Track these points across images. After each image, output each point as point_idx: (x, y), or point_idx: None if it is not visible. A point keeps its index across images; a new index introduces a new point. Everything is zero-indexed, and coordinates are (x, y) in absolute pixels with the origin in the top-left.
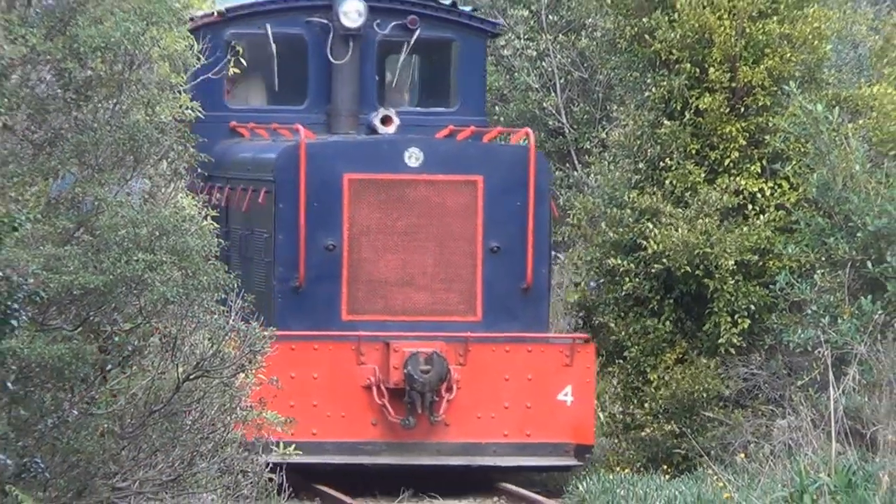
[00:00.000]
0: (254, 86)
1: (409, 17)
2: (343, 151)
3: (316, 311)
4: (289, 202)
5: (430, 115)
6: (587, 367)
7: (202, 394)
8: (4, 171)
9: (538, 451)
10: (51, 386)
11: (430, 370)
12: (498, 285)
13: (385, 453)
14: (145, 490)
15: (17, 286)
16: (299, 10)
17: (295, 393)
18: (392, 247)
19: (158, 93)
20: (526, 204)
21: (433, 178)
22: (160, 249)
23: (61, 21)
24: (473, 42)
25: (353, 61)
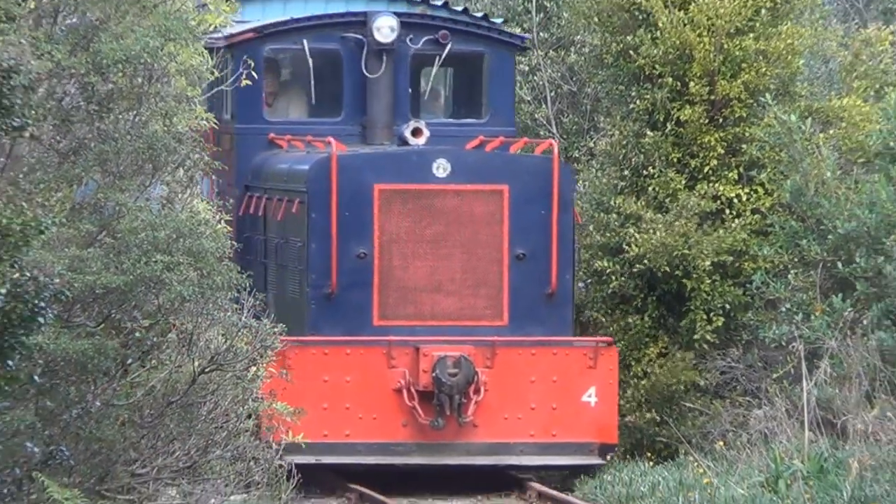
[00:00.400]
0: (292, 99)
1: (441, 31)
2: (373, 163)
3: (348, 317)
4: (321, 212)
5: (462, 126)
6: (610, 370)
7: (216, 386)
8: (32, 177)
9: (564, 450)
10: (75, 379)
11: (458, 373)
12: (523, 291)
13: (415, 454)
14: (163, 476)
15: (44, 286)
16: (335, 26)
17: (328, 396)
18: (421, 254)
19: (175, 105)
20: (550, 212)
21: (460, 187)
22: (177, 251)
23: (85, 37)
24: (502, 55)
25: (386, 75)
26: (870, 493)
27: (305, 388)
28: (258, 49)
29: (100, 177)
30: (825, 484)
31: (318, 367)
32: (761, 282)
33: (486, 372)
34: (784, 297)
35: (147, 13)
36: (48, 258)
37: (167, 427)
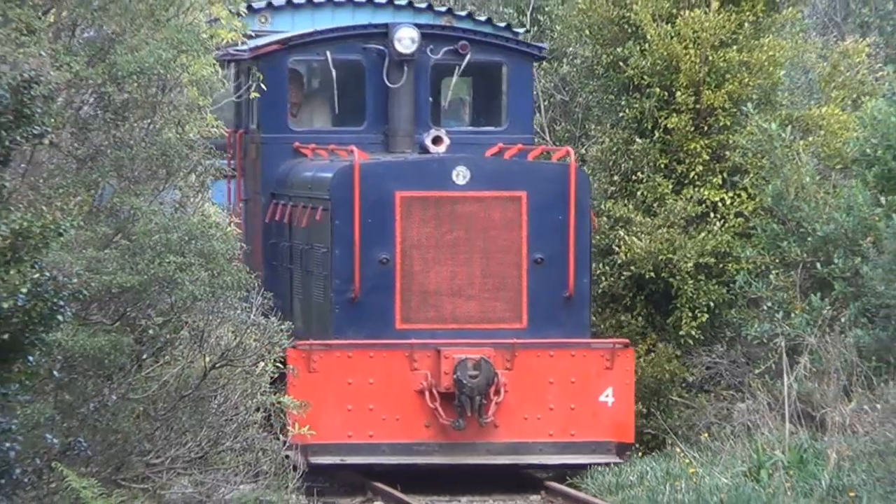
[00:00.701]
0: (316, 109)
1: (460, 42)
2: (395, 171)
3: (371, 321)
4: (344, 219)
5: (481, 134)
6: (627, 370)
7: (226, 381)
8: (51, 183)
9: (582, 449)
10: (92, 374)
11: (478, 375)
12: (542, 294)
13: (437, 453)
14: (176, 466)
15: (63, 285)
16: (357, 37)
17: (352, 397)
18: (442, 259)
19: (187, 113)
20: (567, 217)
21: (480, 194)
22: (189, 252)
23: (101, 50)
24: (521, 65)
25: (407, 85)
26: (847, 482)
27: (330, 390)
28: (283, 60)
29: (116, 182)
30: (805, 473)
31: (342, 370)
32: (744, 281)
33: (505, 373)
34: (766, 295)
35: (160, 27)
36: (67, 259)
37: (180, 419)
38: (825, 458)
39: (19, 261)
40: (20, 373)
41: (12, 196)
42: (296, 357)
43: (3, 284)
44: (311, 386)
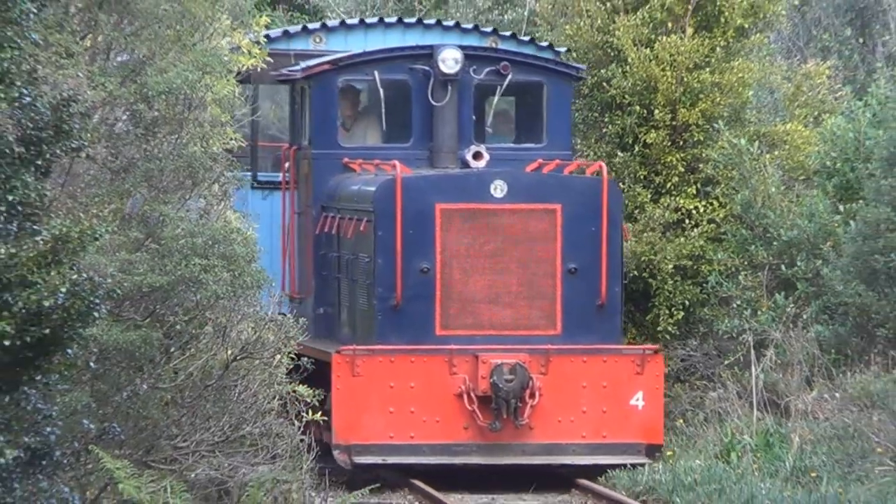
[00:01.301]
0: (365, 126)
1: (502, 63)
2: (435, 184)
3: (412, 327)
4: (387, 229)
5: (522, 151)
6: (656, 375)
7: (246, 372)
8: (88, 192)
9: (613, 450)
10: (125, 365)
11: (514, 379)
12: (575, 302)
13: (475, 454)
14: (201, 449)
15: (98, 285)
16: (404, 58)
17: (394, 400)
18: (480, 269)
19: (211, 129)
20: (600, 229)
21: (516, 206)
22: (212, 255)
23: (133, 71)
24: (560, 84)
25: (451, 103)
26: (809, 464)
27: (373, 393)
28: (333, 80)
29: (146, 191)
30: (771, 455)
31: (384, 374)
32: (716, 282)
33: (540, 378)
34: (735, 294)
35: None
36: (102, 261)
37: (204, 407)
38: (789, 441)
39: (59, 263)
40: (60, 364)
41: (53, 204)
42: (340, 361)
43: (45, 284)
44: (354, 389)
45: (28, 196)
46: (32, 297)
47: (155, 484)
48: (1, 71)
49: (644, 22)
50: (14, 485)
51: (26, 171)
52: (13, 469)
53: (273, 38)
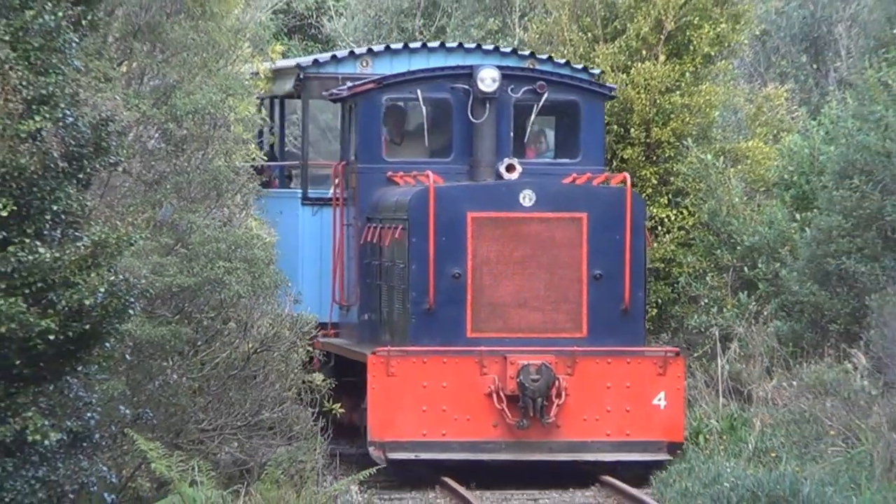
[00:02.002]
0: (408, 142)
1: (539, 83)
2: (467, 194)
3: (444, 330)
4: (420, 237)
5: (558, 166)
6: (678, 376)
7: (265, 363)
8: (124, 202)
9: (636, 448)
10: (156, 357)
11: (540, 379)
12: (600, 307)
13: (504, 451)
14: (225, 432)
15: (133, 285)
16: (445, 77)
17: (427, 399)
18: (509, 274)
19: (234, 146)
20: (623, 237)
21: (544, 215)
22: (235, 258)
23: (164, 94)
24: (593, 103)
25: (490, 120)
26: (769, 445)
27: (406, 393)
28: (378, 98)
29: (176, 201)
30: (735, 438)
31: (418, 374)
32: (686, 282)
33: (567, 378)
34: (703, 294)
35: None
36: (136, 264)
37: (228, 395)
38: (751, 425)
39: (98, 266)
40: (99, 356)
41: (92, 213)
42: (376, 362)
43: (85, 285)
44: (389, 388)
45: (70, 206)
46: (74, 296)
47: (184, 464)
48: (47, 94)
49: (621, 50)
50: (58, 464)
51: (69, 184)
52: (57, 450)
53: (322, 63)
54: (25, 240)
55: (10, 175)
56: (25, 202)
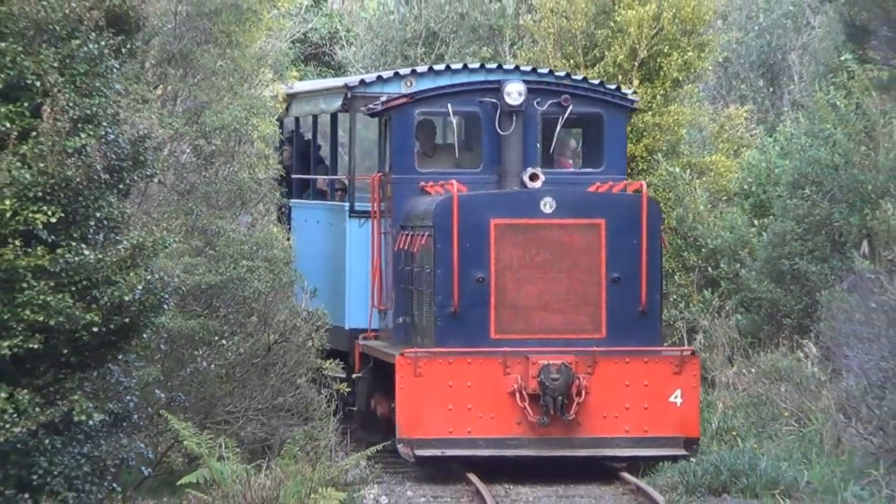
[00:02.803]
0: (439, 153)
1: (563, 96)
2: (489, 201)
3: (469, 332)
4: (445, 243)
5: (583, 175)
6: (693, 375)
7: (284, 352)
8: (159, 210)
9: (654, 443)
10: (188, 347)
11: (559, 378)
12: (619, 308)
13: (527, 447)
14: (248, 413)
15: (167, 283)
16: (474, 91)
17: (453, 398)
18: (531, 278)
19: (257, 160)
20: (640, 241)
21: (564, 221)
22: (257, 259)
23: (195, 114)
24: (616, 115)
25: (516, 132)
26: (730, 425)
27: (433, 392)
28: (411, 112)
29: (205, 209)
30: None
31: (444, 375)
32: None
33: (587, 377)
34: (672, 291)
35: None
36: (170, 265)
37: (251, 380)
38: (715, 407)
39: (136, 266)
40: (137, 346)
41: (131, 219)
42: (403, 363)
43: (125, 283)
44: (417, 388)
45: (112, 213)
46: (115, 293)
47: (212, 441)
48: (91, 114)
49: (599, 75)
50: (101, 442)
51: (110, 194)
52: (100, 429)
53: (369, 83)
54: (72, 243)
55: (58, 186)
56: (72, 210)
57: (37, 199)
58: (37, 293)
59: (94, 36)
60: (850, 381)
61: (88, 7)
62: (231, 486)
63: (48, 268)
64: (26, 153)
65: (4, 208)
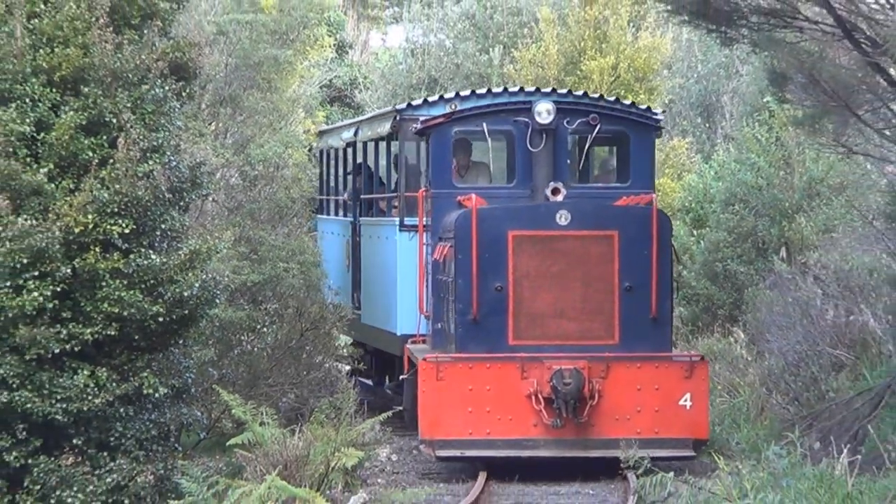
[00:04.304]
0: (475, 169)
1: (592, 115)
2: (508, 214)
3: (488, 338)
4: (465, 253)
5: (611, 190)
6: (703, 380)
7: (314, 337)
8: (212, 223)
9: (664, 445)
10: (236, 333)
11: (571, 382)
12: (631, 316)
13: (543, 448)
14: (284, 387)
15: (218, 282)
16: (507, 111)
17: (472, 401)
18: (547, 287)
19: (292, 182)
20: (651, 252)
21: (579, 233)
22: (291, 261)
23: (241, 145)
24: (643, 133)
25: (547, 149)
26: None
27: (454, 395)
28: (448, 131)
29: (250, 222)
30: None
31: (464, 379)
32: None
33: (600, 382)
34: None
35: (276, 132)
36: (221, 267)
37: (287, 360)
38: None
39: (193, 268)
40: (194, 333)
41: (189, 230)
42: (426, 368)
43: (184, 281)
44: (438, 391)
45: (174, 225)
46: (176, 290)
47: (255, 409)
48: (157, 145)
49: None
50: (165, 410)
51: (173, 209)
52: (164, 400)
53: (416, 106)
54: (142, 249)
55: (130, 203)
56: (142, 222)
57: (113, 214)
58: (113, 290)
59: (159, 82)
60: (772, 361)
61: (155, 59)
62: (270, 447)
63: (122, 269)
64: (105, 177)
65: (87, 222)
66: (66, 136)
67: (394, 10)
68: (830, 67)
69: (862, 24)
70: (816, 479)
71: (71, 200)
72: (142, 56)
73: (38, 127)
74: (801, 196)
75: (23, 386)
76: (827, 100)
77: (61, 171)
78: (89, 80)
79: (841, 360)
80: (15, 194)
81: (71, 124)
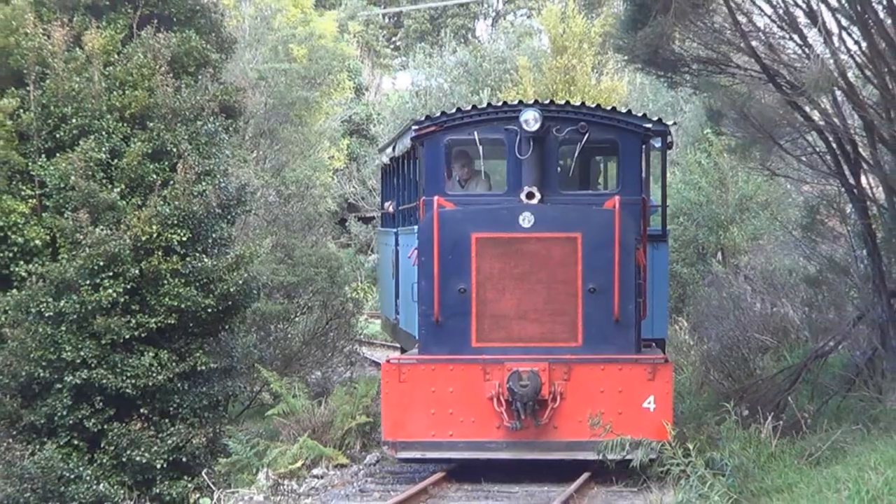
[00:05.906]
0: (467, 176)
1: (580, 123)
2: (471, 217)
3: (451, 340)
4: (427, 256)
5: (600, 196)
6: (666, 382)
7: (337, 325)
8: (254, 232)
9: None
10: (274, 322)
11: (528, 385)
12: (594, 318)
13: (505, 450)
14: (312, 365)
15: (259, 280)
16: (497, 119)
17: (435, 403)
18: (510, 289)
19: (319, 198)
20: (613, 255)
21: (542, 235)
22: (320, 264)
23: (278, 170)
24: (631, 140)
25: (535, 156)
26: None
27: (416, 397)
28: (441, 139)
29: (285, 232)
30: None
31: (427, 381)
32: None
33: (563, 384)
34: None
35: (305, 158)
36: (261, 269)
37: (314, 344)
38: None
39: (238, 269)
40: (239, 321)
41: (235, 238)
42: (388, 369)
43: (231, 280)
44: (400, 393)
45: (223, 234)
46: (224, 286)
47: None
48: (209, 169)
49: None
50: (215, 384)
51: (222, 221)
52: (214, 376)
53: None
54: (196, 254)
55: (187, 216)
56: (196, 232)
57: (173, 225)
58: (173, 287)
59: (211, 119)
60: (710, 345)
61: (208, 100)
62: (301, 415)
63: (181, 270)
64: (166, 195)
65: (152, 231)
66: (134, 162)
67: (402, 59)
68: (757, 106)
69: (783, 71)
70: (746, 440)
71: (139, 214)
72: (197, 97)
73: (112, 155)
74: (734, 210)
75: (99, 365)
76: (755, 132)
77: (131, 191)
78: (154, 116)
79: (766, 343)
80: (93, 209)
81: (139, 153)
